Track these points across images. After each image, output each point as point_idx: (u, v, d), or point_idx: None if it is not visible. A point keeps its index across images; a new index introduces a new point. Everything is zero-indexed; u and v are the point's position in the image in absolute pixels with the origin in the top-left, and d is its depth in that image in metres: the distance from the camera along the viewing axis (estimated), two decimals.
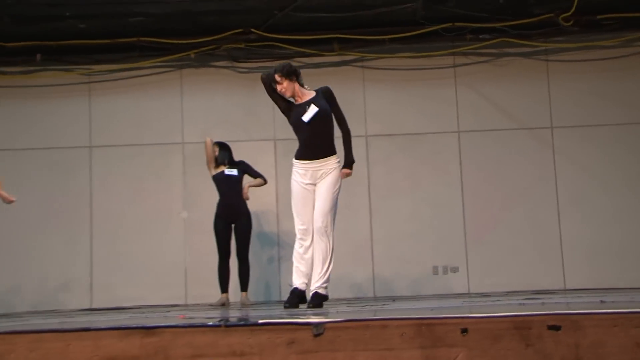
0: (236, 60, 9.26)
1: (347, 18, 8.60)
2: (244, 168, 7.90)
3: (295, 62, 8.80)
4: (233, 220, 7.73)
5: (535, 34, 8.91)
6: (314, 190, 5.56)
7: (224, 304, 7.58)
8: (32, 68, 9.13)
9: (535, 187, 8.90)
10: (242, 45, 9.03)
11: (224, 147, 7.93)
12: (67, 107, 9.11)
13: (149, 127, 9.14)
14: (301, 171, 5.61)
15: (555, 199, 8.89)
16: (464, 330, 3.31)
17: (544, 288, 8.41)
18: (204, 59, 9.19)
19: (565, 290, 8.38)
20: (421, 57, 9.08)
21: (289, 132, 8.49)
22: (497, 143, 9.01)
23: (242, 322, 3.57)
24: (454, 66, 9.17)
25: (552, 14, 8.62)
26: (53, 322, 4.80)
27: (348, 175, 5.62)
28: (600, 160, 8.92)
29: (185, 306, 8.24)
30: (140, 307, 8.11)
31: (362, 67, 9.27)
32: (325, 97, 5.67)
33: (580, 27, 8.76)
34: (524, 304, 4.91)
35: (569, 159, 8.97)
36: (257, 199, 8.77)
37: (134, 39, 8.90)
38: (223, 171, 7.78)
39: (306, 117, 5.56)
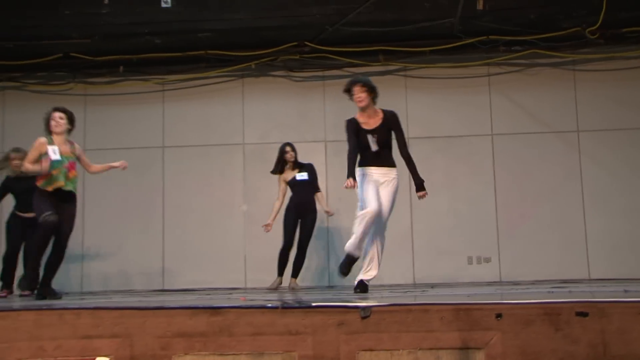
0: (291, 70, 9.29)
1: (391, 32, 8.56)
2: (311, 171, 7.80)
3: (344, 72, 9.07)
4: (302, 216, 7.67)
5: (563, 45, 8.79)
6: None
7: (277, 287, 7.58)
8: (115, 78, 9.27)
9: (562, 186, 8.77)
10: (297, 57, 9.04)
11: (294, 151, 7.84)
12: (144, 112, 9.24)
13: (214, 130, 9.19)
14: (367, 173, 5.57)
15: (581, 196, 8.75)
16: (499, 315, 3.28)
17: (570, 278, 8.27)
18: (263, 69, 9.23)
19: (590, 280, 8.25)
20: (458, 67, 9.01)
21: (338, 134, 8.49)
22: (527, 145, 8.88)
23: (297, 305, 3.57)
24: (488, 75, 9.08)
25: (579, 28, 8.51)
26: (132, 301, 4.88)
27: (424, 196, 5.59)
28: (622, 161, 8.75)
29: (245, 289, 8.26)
30: (205, 289, 8.16)
31: (405, 76, 9.22)
32: (391, 124, 5.59)
33: (605, 40, 8.61)
34: (552, 292, 4.83)
35: (593, 160, 8.83)
36: None
37: (202, 52, 8.97)
38: (295, 176, 7.71)
39: (374, 147, 5.54)
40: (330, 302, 3.65)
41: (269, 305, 3.54)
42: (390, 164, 5.58)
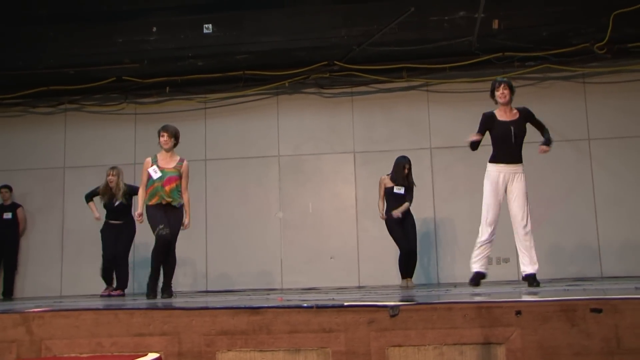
0: (322, 87, 9.29)
1: (413, 51, 8.52)
2: (409, 188, 7.66)
3: (370, 88, 9.09)
4: (403, 219, 7.59)
5: (574, 60, 8.69)
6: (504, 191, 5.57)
7: (407, 286, 7.49)
8: (162, 98, 9.34)
9: (575, 190, 8.65)
10: (327, 75, 9.04)
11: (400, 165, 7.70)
12: (188, 128, 9.08)
13: (251, 143, 9.21)
14: (495, 171, 5.61)
15: (592, 200, 8.63)
16: (518, 312, 3.25)
17: (584, 276, 8.16)
18: (296, 87, 9.23)
19: (602, 278, 8.09)
20: (476, 81, 8.89)
21: (366, 145, 8.97)
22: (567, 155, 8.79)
23: (330, 304, 3.56)
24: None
25: (587, 44, 8.41)
26: (179, 302, 4.91)
27: (546, 151, 5.65)
28: (632, 167, 8.59)
29: (281, 290, 8.26)
30: (245, 290, 8.18)
31: (427, 90, 9.17)
32: (526, 118, 5.72)
33: (612, 54, 8.49)
34: (568, 289, 4.76)
35: (604, 166, 8.71)
36: (340, 201, 8.93)
37: (240, 72, 8.99)
38: (393, 187, 7.62)
39: (512, 139, 5.62)
40: (361, 302, 3.63)
41: (305, 305, 3.54)
42: (520, 159, 5.60)
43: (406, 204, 7.57)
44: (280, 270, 8.88)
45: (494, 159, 5.60)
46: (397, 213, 7.48)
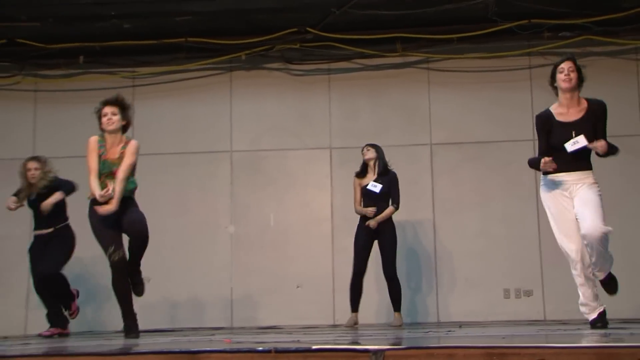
0: (290, 61, 9.31)
1: (410, 15, 8.55)
2: (390, 183, 7.72)
3: (353, 64, 9.18)
4: (375, 232, 7.61)
5: (624, 30, 8.74)
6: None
7: (356, 324, 7.56)
8: (74, 71, 9.30)
9: (624, 201, 8.64)
10: (297, 46, 9.06)
11: (380, 151, 7.81)
12: None
13: (194, 134, 9.23)
14: (555, 182, 5.64)
15: None
16: None
17: (634, 317, 8.13)
18: (256, 61, 9.24)
19: None
20: (493, 57, 9.00)
21: (346, 139, 9.00)
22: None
23: (293, 348, 3.52)
24: (530, 67, 9.03)
25: None
26: (91, 345, 4.84)
27: (602, 151, 5.54)
28: None
29: (231, 329, 8.25)
30: (182, 329, 8.15)
31: (427, 69, 9.22)
32: (596, 116, 5.69)
33: None
34: (609, 334, 4.76)
35: None
36: (311, 212, 9.00)
37: (181, 39, 8.98)
38: (367, 184, 7.70)
39: (570, 147, 5.54)
40: (334, 346, 3.62)
41: (260, 349, 3.51)
42: (586, 166, 5.62)
43: (389, 209, 7.60)
44: (229, 303, 8.88)
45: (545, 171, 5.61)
46: (373, 223, 7.52)
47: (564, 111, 5.63)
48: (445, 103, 9.11)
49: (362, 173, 7.80)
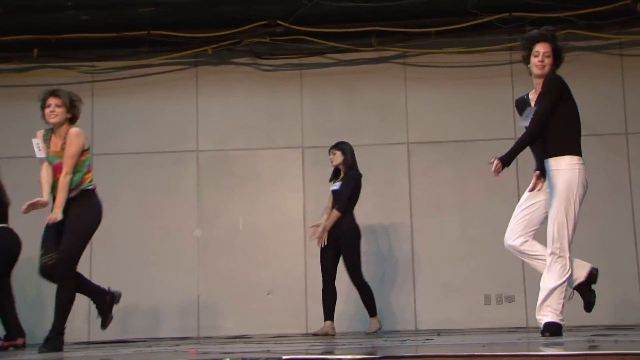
0: (259, 56, 9.29)
1: (386, 8, 8.55)
2: (343, 183, 7.66)
3: (326, 59, 9.18)
4: (336, 244, 7.59)
5: (608, 24, 8.78)
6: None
7: (327, 334, 7.54)
8: (27, 65, 9.23)
9: (608, 203, 8.71)
10: (267, 40, 9.03)
11: (347, 151, 7.75)
12: None
13: (158, 133, 9.19)
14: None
15: (631, 216, 8.77)
16: None
17: (619, 323, 8.19)
18: (223, 55, 9.22)
19: None
20: (472, 52, 9.02)
21: (319, 138, 8.97)
22: None
23: (263, 358, 3.51)
24: (511, 63, 8.96)
25: (628, 1, 8.44)
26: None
27: (496, 169, 5.54)
28: None
29: (197, 339, 8.23)
30: (145, 339, 8.11)
31: (404, 64, 9.23)
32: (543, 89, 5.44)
33: None
34: (593, 341, 4.78)
35: None
36: (282, 214, 9.01)
37: (144, 32, 8.93)
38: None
39: (523, 123, 5.49)
40: (306, 355, 3.62)
41: (227, 359, 3.54)
42: (554, 151, 5.44)
43: (332, 215, 7.54)
44: (196, 311, 8.87)
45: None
46: (319, 238, 7.51)
47: (534, 95, 5.56)
48: (422, 100, 9.12)
49: (334, 177, 7.78)
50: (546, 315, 5.43)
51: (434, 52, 9.11)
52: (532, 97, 5.55)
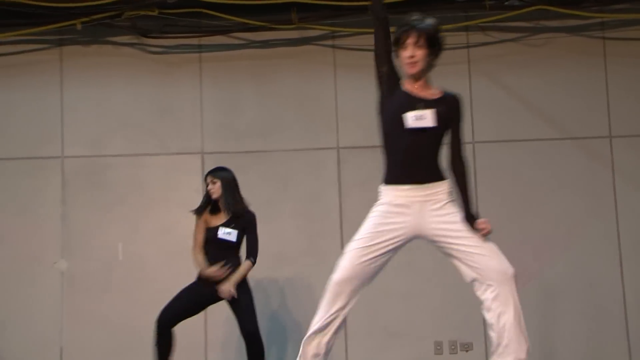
0: (146, 34, 9.07)
1: None
2: (247, 227, 7.41)
3: (234, 39, 9.13)
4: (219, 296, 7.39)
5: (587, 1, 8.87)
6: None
7: None
8: None
9: (588, 218, 8.80)
10: (155, 13, 8.75)
11: (229, 185, 7.46)
12: None
13: (10, 134, 8.98)
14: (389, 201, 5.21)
15: (616, 237, 8.76)
16: None
17: None
18: (97, 32, 8.98)
19: None
20: None
21: (224, 141, 8.82)
22: (530, 157, 8.91)
23: None
24: (468, 46, 9.02)
25: None
26: None
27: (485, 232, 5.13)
28: None
29: None
30: None
31: (333, 47, 9.09)
32: (453, 109, 5.15)
33: None
34: None
35: (634, 180, 8.85)
36: (174, 239, 8.67)
37: None
38: (217, 228, 7.37)
39: (411, 121, 4.99)
40: None
41: None
42: (438, 175, 5.14)
43: (245, 266, 7.33)
44: None
45: (390, 177, 5.26)
46: (229, 293, 7.25)
47: (415, 89, 5.16)
48: (356, 93, 8.88)
49: (211, 209, 7.50)
50: None
51: (371, 32, 8.70)
52: (410, 85, 5.19)
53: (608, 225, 8.79)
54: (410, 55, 4.96)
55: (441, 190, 5.05)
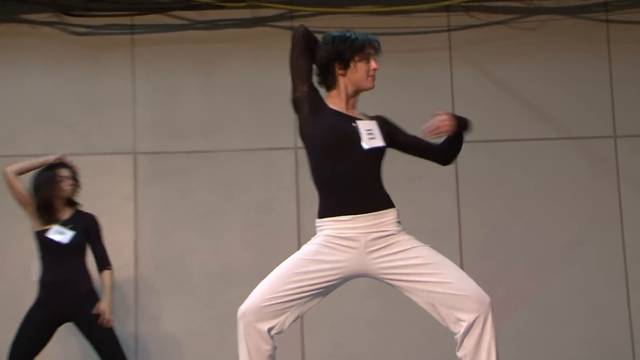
0: (68, 12, 8.86)
1: None
2: (90, 229, 7.24)
3: (173, 19, 9.03)
4: (67, 313, 7.00)
5: None
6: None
7: None
8: None
9: (589, 232, 8.71)
10: None
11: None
12: None
13: None
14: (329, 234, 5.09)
15: (622, 251, 8.64)
16: None
17: None
18: (9, 9, 8.82)
19: None
20: (394, 13, 8.89)
21: (158, 140, 8.98)
22: (520, 160, 8.86)
23: None
24: (449, 30, 8.99)
25: None
26: None
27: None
28: None
29: None
30: None
31: (291, 28, 8.71)
32: (387, 123, 5.35)
33: None
34: None
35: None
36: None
37: None
38: (45, 230, 7.13)
39: (367, 141, 5.07)
40: None
41: None
42: (385, 202, 5.13)
43: (107, 277, 7.19)
44: None
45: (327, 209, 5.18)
46: (107, 317, 7.01)
47: (344, 109, 5.21)
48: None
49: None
50: None
51: (337, 11, 8.93)
52: (334, 101, 5.24)
53: (612, 237, 8.74)
54: (376, 68, 5.14)
55: (389, 219, 4.99)
